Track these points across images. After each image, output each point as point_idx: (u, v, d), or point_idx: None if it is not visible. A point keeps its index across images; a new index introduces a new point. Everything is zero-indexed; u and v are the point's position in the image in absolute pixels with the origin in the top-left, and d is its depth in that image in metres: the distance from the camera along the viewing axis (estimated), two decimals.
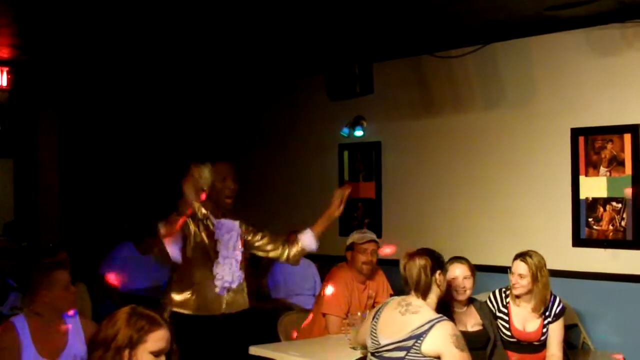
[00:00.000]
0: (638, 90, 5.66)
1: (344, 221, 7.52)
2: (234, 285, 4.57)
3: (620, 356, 5.58)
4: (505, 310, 4.81)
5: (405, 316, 3.91)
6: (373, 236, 5.68)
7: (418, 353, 3.76)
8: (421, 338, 3.77)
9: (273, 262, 6.92)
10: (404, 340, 3.82)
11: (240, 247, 4.67)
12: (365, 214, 7.44)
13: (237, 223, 4.75)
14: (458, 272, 4.59)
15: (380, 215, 7.33)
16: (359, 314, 4.90)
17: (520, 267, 4.71)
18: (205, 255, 4.55)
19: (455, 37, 6.40)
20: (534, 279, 4.67)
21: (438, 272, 4.04)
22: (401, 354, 3.80)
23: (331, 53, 6.56)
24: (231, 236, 4.65)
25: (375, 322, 4.01)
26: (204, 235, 4.58)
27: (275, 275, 6.85)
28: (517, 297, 4.74)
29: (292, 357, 4.83)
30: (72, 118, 8.15)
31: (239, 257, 4.64)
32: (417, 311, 3.91)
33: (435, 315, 3.91)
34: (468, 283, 4.60)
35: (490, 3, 5.40)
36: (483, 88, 6.54)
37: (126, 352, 2.47)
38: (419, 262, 4.03)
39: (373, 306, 5.34)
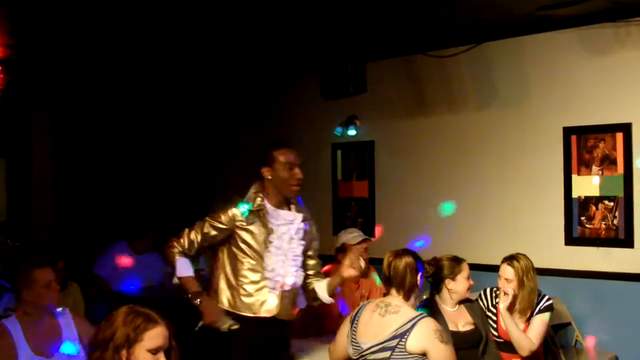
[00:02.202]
0: (630, 89, 5.69)
1: (337, 220, 7.55)
2: (288, 282, 4.31)
3: (612, 354, 5.62)
4: (494, 310, 4.84)
5: (386, 317, 3.92)
6: (364, 235, 5.70)
7: (403, 351, 3.78)
8: (405, 336, 3.79)
9: None
10: (387, 340, 3.83)
11: (300, 242, 4.40)
12: (359, 214, 7.45)
13: (300, 216, 4.42)
14: (467, 272, 4.63)
15: (373, 214, 7.34)
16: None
17: (507, 271, 4.72)
18: (255, 250, 4.30)
19: (448, 36, 6.41)
20: (520, 283, 4.68)
21: (419, 273, 4.08)
22: (386, 354, 3.81)
23: (325, 52, 6.57)
24: (289, 228, 4.36)
25: (355, 327, 4.01)
26: (256, 228, 4.32)
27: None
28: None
29: None
30: (66, 117, 8.13)
31: (297, 251, 4.37)
32: (397, 311, 3.93)
33: (415, 313, 3.94)
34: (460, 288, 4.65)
35: (483, 2, 5.42)
36: (476, 87, 6.56)
37: (124, 351, 2.49)
38: (406, 260, 4.05)
39: None
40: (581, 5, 5.41)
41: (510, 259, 4.76)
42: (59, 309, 3.97)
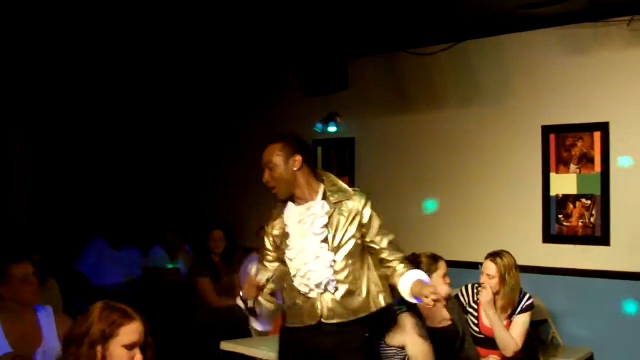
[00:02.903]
0: (608, 88, 5.73)
1: None
2: (314, 280, 3.72)
3: (589, 350, 5.66)
4: (476, 307, 4.86)
5: None
6: None
7: (382, 344, 3.88)
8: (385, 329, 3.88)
9: (246, 257, 6.93)
10: None
11: (318, 232, 3.73)
12: None
13: (315, 205, 3.77)
14: (444, 271, 4.64)
15: None
16: None
17: (490, 268, 4.75)
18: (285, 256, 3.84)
19: (430, 34, 6.43)
20: (502, 280, 4.71)
21: None
22: None
23: (306, 49, 6.56)
24: (302, 224, 3.77)
25: None
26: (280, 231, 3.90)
27: (248, 270, 6.83)
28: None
29: (262, 352, 4.84)
30: (43, 116, 8.06)
31: (315, 243, 3.73)
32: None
33: (395, 307, 3.99)
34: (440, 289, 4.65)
35: (465, 1, 5.44)
36: (456, 85, 6.58)
37: (99, 347, 2.48)
38: None
39: None
40: (561, 5, 5.44)
41: (493, 256, 4.80)
42: (42, 307, 3.90)
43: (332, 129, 7.27)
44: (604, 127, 5.73)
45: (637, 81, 5.60)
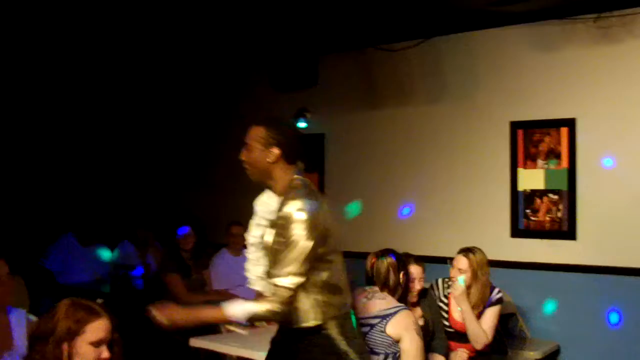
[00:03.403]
0: (575, 85, 5.80)
1: None
2: (249, 275, 3.65)
3: (555, 343, 5.73)
4: (446, 301, 4.89)
5: (372, 301, 4.09)
6: None
7: (382, 331, 3.93)
8: (387, 319, 3.95)
9: (214, 253, 6.93)
10: (369, 317, 3.98)
11: (257, 229, 3.63)
12: None
13: (265, 201, 3.65)
14: (415, 273, 4.65)
15: None
16: None
17: (462, 262, 4.77)
18: None
19: (400, 30, 6.44)
20: (474, 275, 4.74)
21: (402, 272, 4.25)
22: (364, 329, 3.94)
23: (277, 45, 6.56)
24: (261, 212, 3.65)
25: None
26: None
27: (216, 267, 6.82)
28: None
29: (232, 348, 4.84)
30: (10, 110, 7.96)
31: (251, 241, 3.65)
32: (384, 298, 4.11)
33: (400, 304, 4.10)
34: (419, 285, 4.68)
35: None
36: (426, 81, 6.61)
37: (65, 345, 2.45)
38: (388, 261, 4.21)
39: None
40: (529, 2, 5.49)
41: (466, 251, 4.81)
42: (14, 308, 3.77)
43: (302, 124, 7.27)
44: (570, 123, 5.79)
45: (604, 78, 5.67)
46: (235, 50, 7.32)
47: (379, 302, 4.07)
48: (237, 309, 3.28)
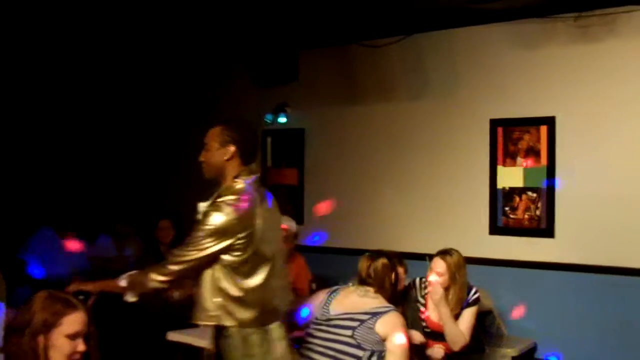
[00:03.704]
0: (554, 83, 5.83)
1: None
2: None
3: (532, 341, 5.76)
4: (423, 301, 4.89)
5: (364, 299, 4.10)
6: (285, 221, 5.67)
7: (370, 328, 3.93)
8: (377, 316, 3.95)
9: None
10: (359, 313, 3.99)
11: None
12: (287, 201, 7.44)
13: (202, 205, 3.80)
14: (401, 274, 4.65)
15: (302, 202, 7.35)
16: None
17: (439, 265, 4.75)
18: None
19: (382, 26, 6.44)
20: (452, 278, 4.73)
21: (393, 273, 4.26)
22: (353, 323, 3.95)
23: (257, 40, 6.53)
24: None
25: (331, 297, 4.17)
26: None
27: None
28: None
29: (209, 343, 4.81)
30: None
31: None
32: (376, 297, 4.12)
33: (391, 305, 4.10)
34: (402, 285, 4.68)
35: None
36: (407, 78, 6.62)
37: (41, 337, 2.44)
38: (383, 262, 4.23)
39: (294, 291, 5.36)
40: (510, 0, 5.50)
41: (444, 253, 4.78)
42: None
43: (282, 119, 7.26)
44: (550, 121, 5.82)
45: (583, 76, 5.70)
46: (215, 44, 7.29)
47: (370, 300, 4.08)
48: (124, 276, 3.58)
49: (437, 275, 4.74)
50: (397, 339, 3.93)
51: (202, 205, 3.70)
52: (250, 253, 3.54)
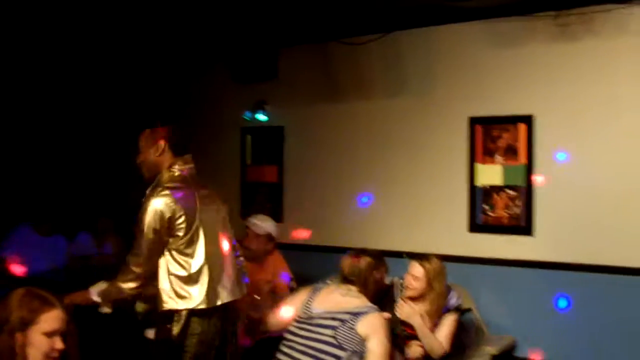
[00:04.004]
0: (533, 81, 5.85)
1: (245, 204, 7.52)
2: None
3: (512, 338, 5.78)
4: (401, 302, 4.87)
5: (346, 297, 4.12)
6: (251, 221, 5.66)
7: (352, 328, 3.93)
8: (358, 317, 3.96)
9: None
10: (340, 313, 4.00)
11: None
12: (267, 198, 7.43)
13: None
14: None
15: (281, 199, 7.34)
16: (256, 297, 4.90)
17: (416, 270, 4.70)
18: None
19: (361, 24, 6.44)
20: (429, 285, 4.67)
21: (375, 271, 4.29)
22: (335, 323, 3.96)
23: (236, 37, 6.51)
24: None
25: (313, 296, 4.20)
26: None
27: None
28: (410, 298, 4.78)
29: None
30: None
31: None
32: (358, 297, 4.14)
33: (373, 305, 4.12)
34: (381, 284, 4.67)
35: None
36: (386, 75, 6.61)
37: (19, 334, 2.42)
38: (367, 261, 4.27)
39: (273, 290, 5.35)
40: None
41: (421, 258, 4.73)
42: None
43: (262, 117, 7.24)
44: (528, 120, 5.84)
45: (562, 75, 5.73)
46: (194, 41, 7.25)
47: (352, 299, 4.09)
48: (94, 287, 3.88)
49: (412, 278, 4.70)
50: (378, 340, 3.93)
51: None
52: (191, 235, 3.81)
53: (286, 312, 4.24)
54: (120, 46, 7.40)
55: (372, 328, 3.94)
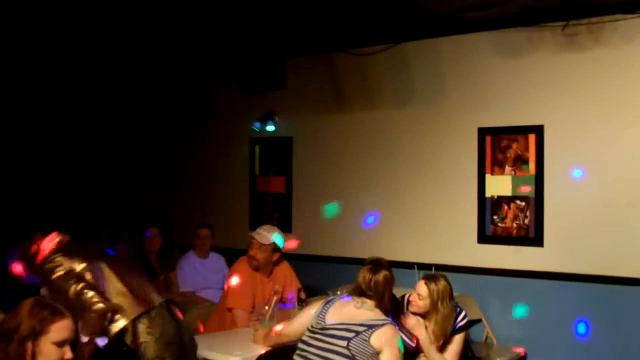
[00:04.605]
0: (542, 91, 5.84)
1: (254, 215, 7.52)
2: None
3: (521, 350, 5.75)
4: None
5: (360, 310, 4.10)
6: (257, 231, 5.59)
7: (365, 340, 3.92)
8: (373, 329, 3.95)
9: (181, 254, 6.87)
10: (355, 324, 3.99)
11: None
12: (275, 209, 7.44)
13: None
14: None
15: (290, 209, 7.34)
16: (266, 307, 4.89)
17: (422, 289, 4.63)
18: None
19: (368, 35, 6.45)
20: (434, 306, 4.58)
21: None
22: (349, 334, 3.95)
23: (245, 48, 6.52)
24: None
25: (327, 307, 4.16)
26: None
27: (183, 269, 6.76)
28: (414, 313, 4.73)
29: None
30: None
31: None
32: (372, 309, 4.12)
33: (387, 318, 4.12)
34: None
35: (402, 3, 5.47)
36: (394, 86, 6.62)
37: (29, 344, 2.43)
38: (385, 275, 4.20)
39: (281, 300, 5.33)
40: (496, 8, 5.52)
41: (429, 278, 4.62)
42: None
43: (270, 127, 7.25)
44: (538, 130, 5.83)
45: (571, 85, 5.72)
46: (203, 52, 7.28)
47: (367, 312, 4.08)
48: None
49: (417, 296, 4.64)
50: (391, 353, 3.92)
51: None
52: None
53: (297, 324, 4.25)
54: (133, 58, 7.44)
55: (385, 341, 3.94)
